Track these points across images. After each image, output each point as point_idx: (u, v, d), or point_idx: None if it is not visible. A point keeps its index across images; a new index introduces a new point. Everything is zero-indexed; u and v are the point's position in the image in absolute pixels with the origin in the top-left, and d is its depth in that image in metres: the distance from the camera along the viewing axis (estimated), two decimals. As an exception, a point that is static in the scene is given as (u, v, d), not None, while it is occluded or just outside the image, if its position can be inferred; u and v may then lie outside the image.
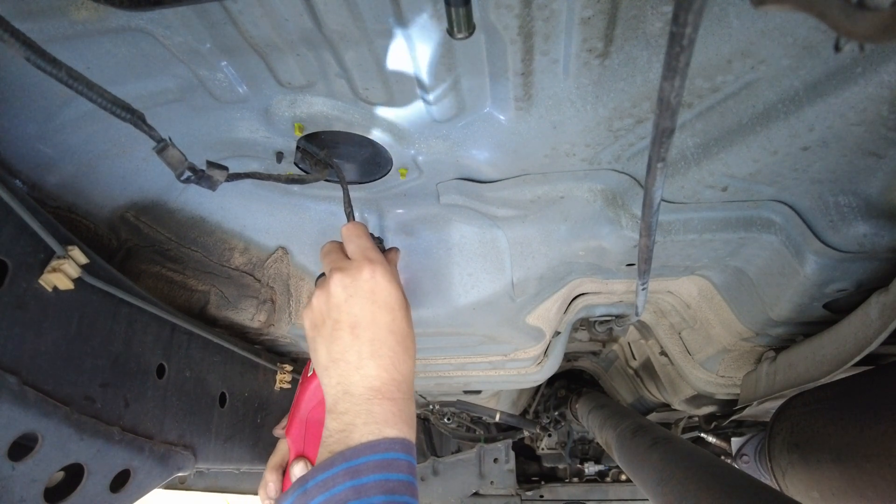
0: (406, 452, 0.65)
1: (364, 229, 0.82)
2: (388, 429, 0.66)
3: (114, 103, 0.57)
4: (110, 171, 0.95)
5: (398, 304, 0.74)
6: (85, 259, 0.86)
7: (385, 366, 0.70)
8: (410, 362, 0.73)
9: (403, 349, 0.72)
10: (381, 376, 0.69)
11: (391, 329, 0.72)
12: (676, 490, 1.18)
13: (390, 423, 0.66)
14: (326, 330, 0.74)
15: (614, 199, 1.02)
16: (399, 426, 0.67)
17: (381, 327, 0.71)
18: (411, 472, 0.64)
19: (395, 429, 0.66)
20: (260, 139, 0.90)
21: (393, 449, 0.64)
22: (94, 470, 0.88)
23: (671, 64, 0.46)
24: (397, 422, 0.67)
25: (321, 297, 0.77)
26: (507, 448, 2.74)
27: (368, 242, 0.79)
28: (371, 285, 0.73)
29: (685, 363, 1.71)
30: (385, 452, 0.64)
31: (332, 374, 0.72)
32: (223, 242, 1.19)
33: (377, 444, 0.64)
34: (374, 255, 0.76)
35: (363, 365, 0.70)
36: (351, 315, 0.72)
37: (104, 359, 0.93)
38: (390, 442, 0.65)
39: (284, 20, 0.66)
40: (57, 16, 0.67)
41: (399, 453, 0.64)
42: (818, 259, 1.00)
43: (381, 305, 0.73)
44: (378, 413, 0.67)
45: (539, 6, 0.64)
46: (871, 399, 1.06)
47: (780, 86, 0.76)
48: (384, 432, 0.65)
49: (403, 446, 0.66)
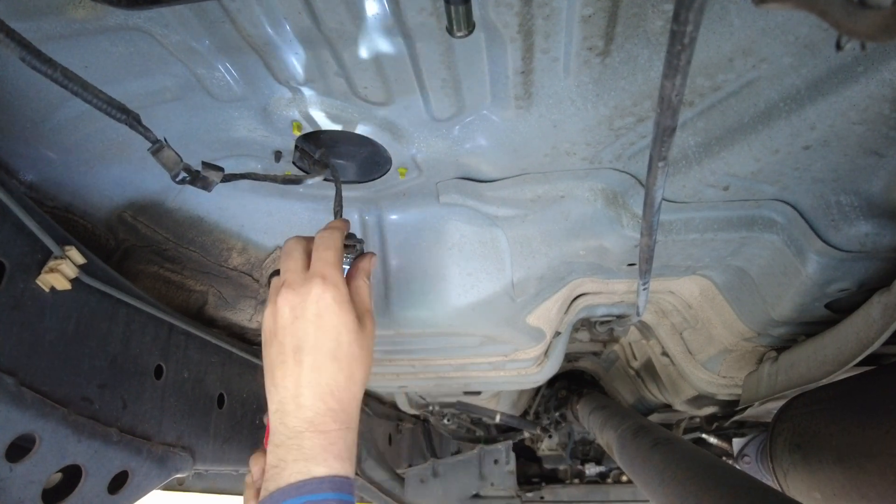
0: (336, 490, 0.63)
1: (339, 236, 0.76)
2: (316, 466, 0.63)
3: (109, 104, 0.56)
4: (108, 171, 0.95)
5: (345, 328, 0.69)
6: (82, 259, 0.85)
7: (321, 395, 0.67)
8: (354, 389, 0.69)
9: (346, 377, 0.68)
10: (316, 406, 0.66)
11: (335, 356, 0.68)
12: (678, 491, 1.17)
13: (319, 459, 0.64)
14: (273, 351, 0.71)
15: (615, 198, 1.02)
16: (329, 462, 0.64)
17: (324, 353, 0.68)
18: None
19: (324, 466, 0.64)
20: (258, 138, 0.89)
21: (321, 489, 0.62)
22: (92, 471, 0.88)
23: (672, 62, 0.45)
24: (327, 457, 0.64)
25: (270, 314, 0.73)
26: (507, 449, 2.73)
27: (334, 256, 0.73)
28: (318, 308, 0.69)
29: (687, 363, 1.70)
30: (311, 494, 0.61)
31: (273, 400, 0.69)
32: (221, 242, 1.19)
33: (304, 484, 0.62)
34: (330, 273, 0.71)
35: (300, 393, 0.67)
36: (295, 338, 0.69)
37: (102, 359, 0.93)
38: (318, 482, 0.62)
39: (283, 18, 0.66)
40: (55, 14, 0.67)
41: (327, 493, 0.62)
42: (820, 259, 0.99)
43: (327, 330, 0.68)
44: (307, 448, 0.64)
45: (539, 4, 0.63)
46: (873, 399, 1.05)
47: (781, 84, 0.76)
48: (312, 471, 0.63)
49: (333, 485, 0.63)
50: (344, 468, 0.65)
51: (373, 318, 0.75)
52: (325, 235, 0.76)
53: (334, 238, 0.75)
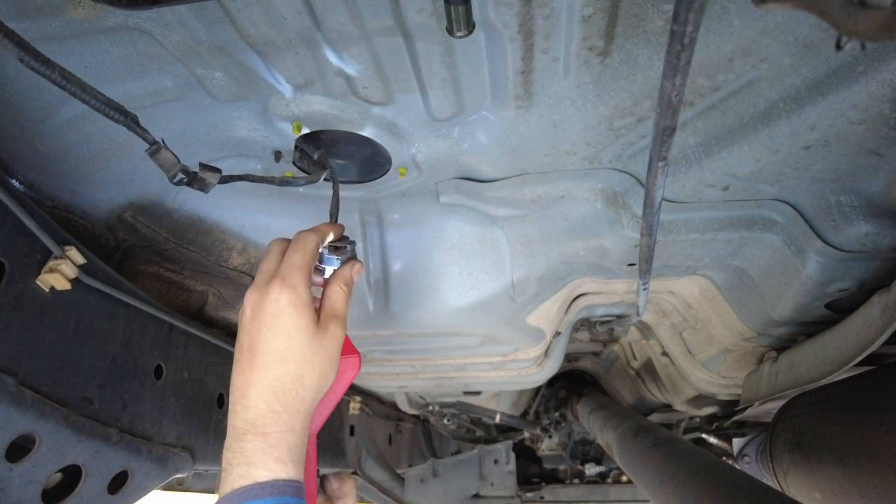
0: (277, 495, 0.62)
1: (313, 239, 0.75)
2: (257, 471, 0.62)
3: (107, 105, 0.56)
4: (107, 171, 0.95)
5: (297, 329, 0.68)
6: (82, 259, 0.85)
7: (264, 396, 0.66)
8: (303, 393, 0.68)
9: (293, 378, 0.67)
10: (259, 408, 0.65)
11: (283, 357, 0.67)
12: (678, 491, 1.17)
13: (259, 463, 0.63)
14: (236, 350, 0.71)
15: (615, 198, 1.02)
16: (269, 466, 0.63)
17: (273, 354, 0.67)
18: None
19: (265, 470, 0.63)
20: (258, 138, 0.89)
21: (262, 495, 0.61)
22: (91, 471, 0.88)
23: (672, 62, 0.45)
24: (267, 461, 0.63)
25: (240, 313, 0.73)
26: (507, 449, 2.74)
27: (301, 258, 0.72)
28: (274, 308, 0.68)
29: (687, 363, 1.70)
30: (254, 500, 0.61)
31: (230, 400, 0.69)
32: (221, 242, 1.19)
33: (246, 491, 0.61)
34: (290, 275, 0.70)
35: (246, 394, 0.66)
36: (250, 338, 0.69)
37: (102, 359, 0.92)
38: (259, 488, 0.61)
39: (283, 18, 0.66)
40: (54, 14, 0.67)
41: (268, 499, 0.61)
42: (820, 259, 0.99)
43: (278, 331, 0.67)
44: (249, 452, 0.63)
45: (539, 4, 0.63)
46: (873, 399, 1.05)
47: (781, 84, 0.76)
48: (254, 475, 0.62)
49: (273, 489, 0.62)
50: (286, 471, 0.63)
51: (342, 324, 0.73)
52: (300, 238, 0.75)
53: (307, 241, 0.74)
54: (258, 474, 0.62)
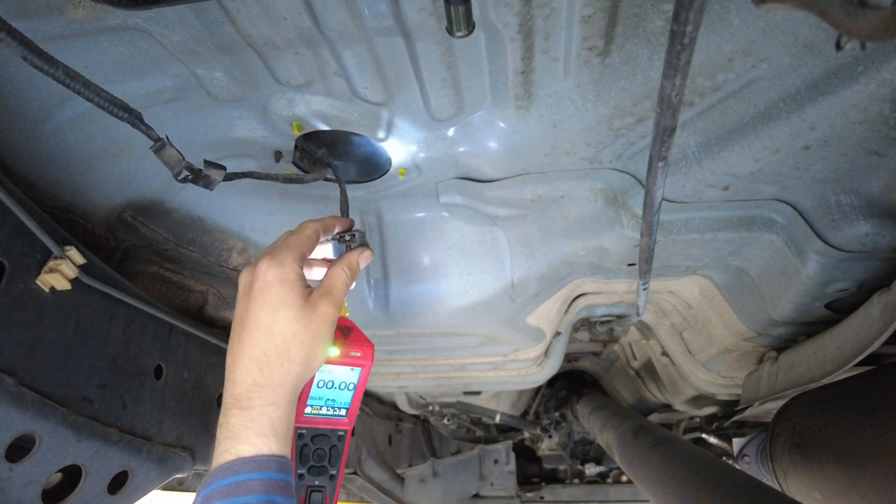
0: (261, 470, 0.61)
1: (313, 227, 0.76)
2: (240, 445, 0.62)
3: (111, 102, 0.56)
4: (107, 171, 0.95)
5: (284, 304, 0.68)
6: (82, 259, 0.85)
7: (249, 369, 0.66)
8: (289, 366, 0.67)
9: (278, 352, 0.67)
10: (244, 381, 0.65)
11: (269, 330, 0.67)
12: (678, 491, 1.17)
13: (242, 438, 0.63)
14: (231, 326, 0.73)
15: (615, 198, 1.02)
16: (252, 440, 0.63)
17: (259, 328, 0.67)
18: (267, 489, 0.61)
19: (247, 444, 0.62)
20: (258, 138, 0.89)
21: (244, 469, 0.61)
22: (92, 471, 0.88)
23: (672, 62, 0.45)
24: (250, 435, 0.63)
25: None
26: (507, 449, 2.74)
27: (295, 239, 0.73)
28: (261, 283, 0.69)
29: (687, 363, 1.70)
30: (235, 475, 0.61)
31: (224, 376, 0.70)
32: (221, 242, 1.19)
33: (229, 466, 0.61)
34: (279, 252, 0.71)
35: (234, 368, 0.67)
36: (240, 313, 0.70)
37: (102, 360, 0.92)
38: (242, 462, 0.61)
39: (283, 18, 0.66)
40: (54, 14, 0.67)
41: (251, 473, 0.61)
42: (820, 259, 0.99)
43: (264, 304, 0.68)
44: (233, 427, 0.63)
45: (539, 4, 0.63)
46: (873, 399, 1.05)
47: (781, 84, 0.76)
48: (238, 450, 0.62)
49: (257, 464, 0.62)
50: (268, 445, 0.63)
51: (335, 303, 0.73)
52: (301, 224, 0.77)
53: (306, 227, 0.76)
54: (241, 448, 0.62)
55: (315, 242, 0.76)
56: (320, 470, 0.76)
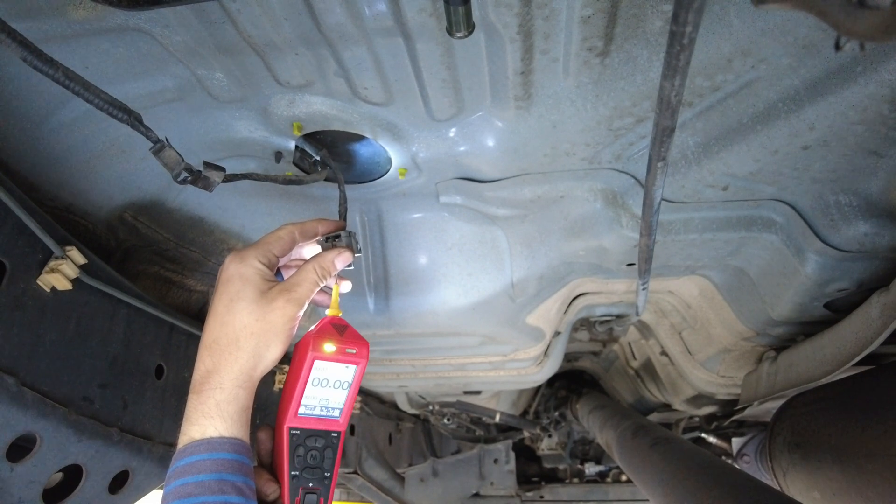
0: (212, 451, 0.65)
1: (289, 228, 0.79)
2: (191, 427, 0.67)
3: (110, 104, 0.57)
4: (108, 171, 0.95)
5: (239, 297, 0.71)
6: (83, 259, 0.85)
7: (203, 357, 0.71)
8: (237, 355, 0.70)
9: (228, 342, 0.70)
10: (199, 368, 0.70)
11: (223, 321, 0.71)
12: (677, 490, 1.18)
13: (192, 420, 0.67)
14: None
15: (614, 198, 1.02)
16: (200, 421, 0.67)
17: (216, 317, 0.72)
18: (218, 468, 0.64)
19: (196, 425, 0.66)
20: (259, 139, 0.90)
21: (197, 451, 0.65)
22: (92, 471, 0.88)
23: (671, 63, 0.46)
24: (198, 417, 0.67)
25: None
26: (507, 449, 2.74)
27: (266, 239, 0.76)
28: (224, 276, 0.74)
29: (686, 363, 1.70)
30: (190, 456, 0.64)
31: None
32: (222, 242, 1.19)
33: (184, 449, 0.65)
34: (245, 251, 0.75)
35: (198, 356, 0.72)
36: (210, 303, 0.75)
37: (102, 359, 0.93)
38: (195, 445, 0.65)
39: (283, 19, 0.66)
40: (55, 15, 0.67)
41: (202, 454, 0.65)
42: (819, 258, 1.00)
43: (222, 296, 0.72)
44: (188, 411, 0.68)
45: (539, 5, 0.64)
46: (872, 399, 1.05)
47: (780, 85, 0.76)
48: (190, 432, 0.67)
49: (209, 445, 0.65)
50: (214, 426, 0.67)
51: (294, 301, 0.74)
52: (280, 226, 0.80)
53: (281, 228, 0.79)
54: (192, 430, 0.67)
55: (289, 243, 0.78)
56: (314, 472, 0.76)
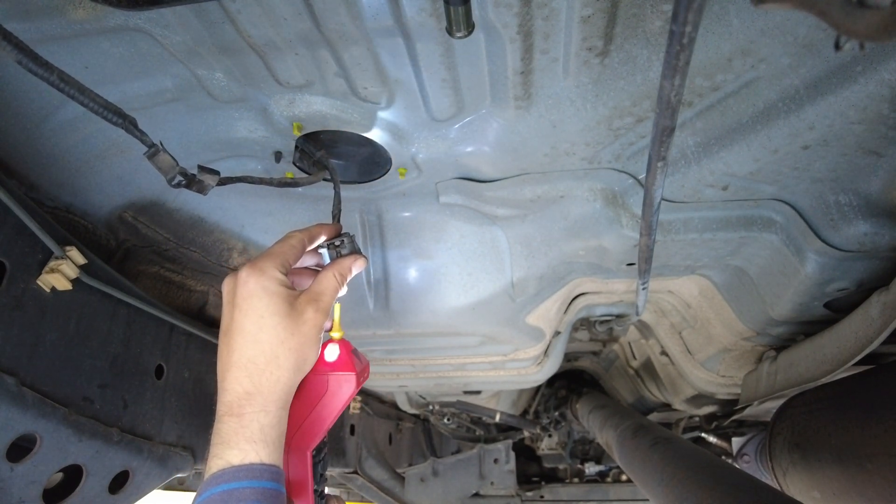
0: (253, 478, 0.62)
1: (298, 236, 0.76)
2: (230, 452, 0.63)
3: (105, 108, 0.56)
4: (108, 171, 0.95)
5: (269, 311, 0.68)
6: (83, 259, 0.86)
7: (239, 378, 0.67)
8: (279, 373, 0.68)
9: (267, 360, 0.67)
10: (234, 390, 0.66)
11: (256, 339, 0.68)
12: (677, 490, 1.18)
13: (232, 444, 0.64)
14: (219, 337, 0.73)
15: (614, 198, 1.02)
16: (241, 445, 0.63)
17: (246, 335, 0.68)
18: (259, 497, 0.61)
19: (237, 451, 0.63)
20: (258, 139, 0.90)
21: (237, 478, 0.62)
22: (92, 471, 0.88)
23: (671, 62, 0.46)
24: (239, 441, 0.64)
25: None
26: (507, 448, 2.74)
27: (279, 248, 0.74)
28: (244, 291, 0.69)
29: (686, 363, 1.70)
30: (228, 483, 0.61)
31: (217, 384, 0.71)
32: (222, 242, 1.19)
33: (221, 474, 0.62)
34: (261, 261, 0.71)
35: (224, 377, 0.68)
36: (225, 321, 0.70)
37: (103, 360, 0.93)
38: (234, 471, 0.62)
39: (283, 19, 0.66)
40: (55, 15, 0.67)
41: (242, 481, 0.61)
42: (819, 258, 1.00)
43: (249, 312, 0.68)
44: (224, 434, 0.64)
45: (538, 4, 0.64)
46: (872, 398, 1.05)
47: (780, 84, 0.76)
48: (228, 457, 0.63)
49: (250, 472, 0.62)
50: (256, 451, 0.64)
51: (321, 310, 0.73)
52: (286, 234, 0.77)
53: (291, 236, 0.76)
54: (231, 454, 0.63)
55: (300, 251, 0.76)
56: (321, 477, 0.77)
